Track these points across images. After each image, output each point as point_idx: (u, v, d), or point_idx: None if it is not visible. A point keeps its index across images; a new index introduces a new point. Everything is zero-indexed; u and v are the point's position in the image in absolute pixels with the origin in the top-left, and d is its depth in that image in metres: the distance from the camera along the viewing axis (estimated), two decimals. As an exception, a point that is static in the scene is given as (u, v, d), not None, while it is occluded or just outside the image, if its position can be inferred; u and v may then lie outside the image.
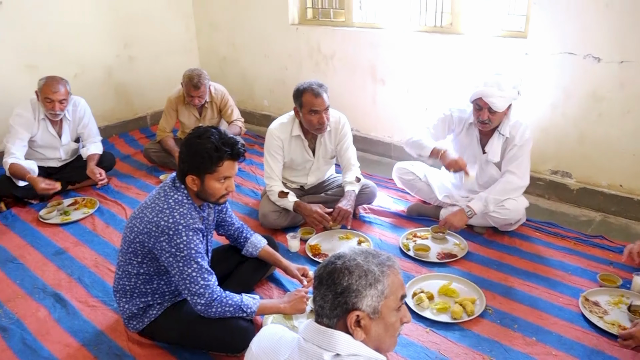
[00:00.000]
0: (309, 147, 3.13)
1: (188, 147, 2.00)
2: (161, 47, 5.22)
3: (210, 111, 4.12)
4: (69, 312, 2.46)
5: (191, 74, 3.84)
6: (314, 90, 2.88)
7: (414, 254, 2.80)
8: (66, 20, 4.46)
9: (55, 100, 3.42)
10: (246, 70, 5.17)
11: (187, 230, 1.96)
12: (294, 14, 4.56)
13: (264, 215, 3.06)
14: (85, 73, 4.66)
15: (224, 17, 5.13)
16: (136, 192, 3.77)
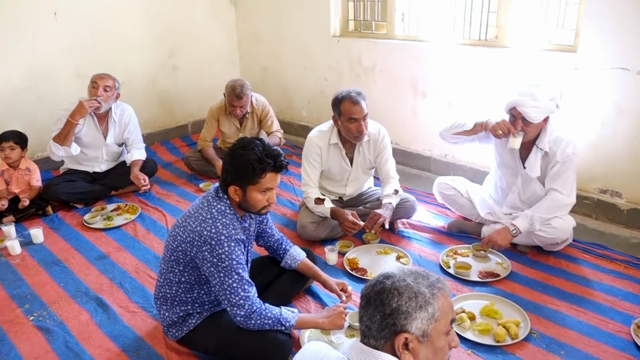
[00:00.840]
0: (347, 155, 3.11)
1: (232, 157, 2.01)
2: (204, 57, 5.32)
3: (251, 122, 4.15)
4: (109, 317, 2.50)
5: (234, 84, 3.89)
6: (352, 98, 2.87)
7: (454, 271, 2.73)
8: (114, 31, 4.60)
9: (100, 86, 3.54)
10: (286, 81, 5.20)
11: (229, 241, 1.97)
12: (336, 26, 4.57)
13: (302, 226, 3.05)
14: (131, 82, 4.78)
15: (265, 28, 5.19)
16: (176, 199, 3.82)
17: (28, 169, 3.63)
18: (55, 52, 4.28)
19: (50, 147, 3.57)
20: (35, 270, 2.94)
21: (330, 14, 4.50)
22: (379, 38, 4.29)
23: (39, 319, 2.50)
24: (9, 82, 4.11)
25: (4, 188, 3.57)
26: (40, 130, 4.24)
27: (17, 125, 3.81)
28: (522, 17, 3.50)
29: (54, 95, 4.34)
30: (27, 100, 4.23)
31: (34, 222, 3.49)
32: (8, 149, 3.50)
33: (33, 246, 3.20)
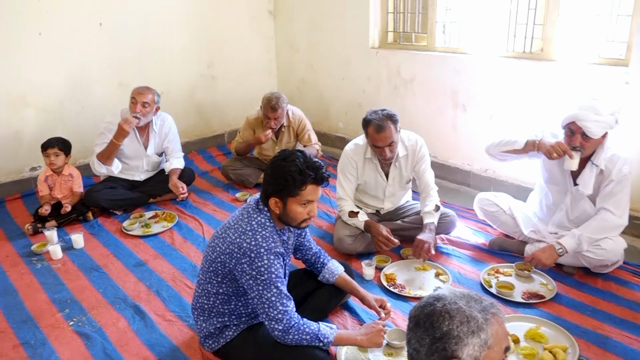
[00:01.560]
0: (383, 170, 3.07)
1: (273, 169, 2.00)
2: (242, 67, 5.38)
3: (287, 135, 4.16)
4: (147, 325, 2.51)
5: (270, 96, 3.91)
6: (376, 125, 2.80)
7: (496, 291, 2.64)
8: (156, 42, 4.70)
9: (139, 101, 3.60)
10: (323, 92, 5.20)
11: (269, 254, 1.95)
12: (375, 37, 4.55)
13: (339, 239, 3.01)
14: (171, 92, 4.87)
15: (304, 40, 5.21)
16: (213, 208, 3.85)
17: (71, 175, 3.72)
18: (99, 62, 4.40)
19: (94, 163, 3.66)
20: (76, 275, 3.00)
21: (369, 26, 4.48)
22: (418, 50, 4.24)
23: (78, 324, 2.54)
24: (55, 90, 4.24)
25: (47, 193, 3.67)
26: (83, 137, 4.36)
27: (62, 132, 3.91)
28: (570, 30, 3.40)
29: (97, 104, 4.46)
30: (72, 109, 4.36)
31: (75, 228, 3.57)
32: (53, 155, 3.60)
33: (74, 251, 3.26)
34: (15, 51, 3.96)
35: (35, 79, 4.11)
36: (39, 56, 4.08)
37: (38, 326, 2.53)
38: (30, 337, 2.45)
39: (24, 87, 4.07)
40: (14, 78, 4.01)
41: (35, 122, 4.20)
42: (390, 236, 2.85)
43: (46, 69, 4.14)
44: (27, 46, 4.00)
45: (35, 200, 4.05)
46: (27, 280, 2.94)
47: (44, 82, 4.16)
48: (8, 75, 3.98)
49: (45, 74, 4.15)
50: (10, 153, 4.15)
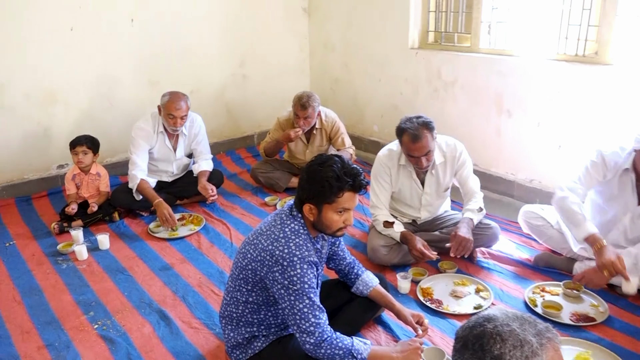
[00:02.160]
0: (418, 178, 3.03)
1: (309, 173, 2.00)
2: (274, 66, 5.42)
3: (320, 138, 4.16)
4: (172, 332, 2.54)
5: (301, 94, 3.92)
6: (411, 135, 2.76)
7: (542, 311, 2.57)
8: (188, 39, 4.78)
9: (178, 117, 3.64)
10: (358, 94, 5.19)
11: (302, 263, 1.95)
12: (415, 37, 4.52)
13: (373, 249, 2.99)
14: (201, 90, 4.94)
15: (339, 38, 5.22)
16: (241, 212, 3.88)
17: (98, 174, 3.81)
18: (129, 59, 4.50)
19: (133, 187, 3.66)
20: (101, 277, 3.06)
21: (409, 25, 4.45)
22: (461, 51, 4.19)
23: (102, 327, 2.58)
24: (84, 87, 4.35)
25: (74, 192, 3.76)
26: (112, 136, 4.46)
27: (90, 130, 4.01)
28: (628, 32, 3.30)
29: (126, 102, 4.56)
30: (100, 106, 4.47)
31: (101, 228, 3.65)
32: (81, 153, 3.69)
33: (99, 252, 3.33)
34: (46, 46, 4.08)
35: (65, 76, 4.23)
36: (70, 52, 4.19)
37: (63, 328, 2.59)
38: (54, 339, 2.51)
39: (53, 83, 4.19)
40: (45, 74, 4.13)
41: (64, 119, 4.32)
42: (426, 250, 2.81)
43: (76, 65, 4.25)
44: (59, 41, 4.12)
45: (61, 198, 4.17)
46: (52, 281, 3.02)
47: (73, 78, 4.27)
48: (38, 70, 4.10)
49: (75, 71, 4.26)
50: (38, 150, 4.27)
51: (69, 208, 3.62)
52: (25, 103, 4.12)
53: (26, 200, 4.17)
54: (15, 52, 3.96)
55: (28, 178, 4.29)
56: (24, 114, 4.13)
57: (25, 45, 3.99)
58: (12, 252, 3.36)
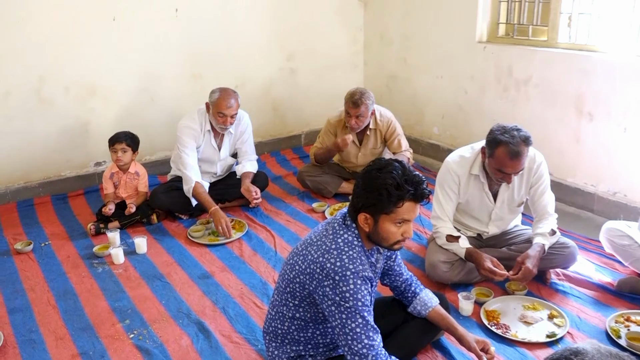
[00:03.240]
0: (490, 190, 2.96)
1: (365, 180, 1.98)
2: (324, 60, 5.44)
3: (373, 139, 4.13)
4: (211, 346, 2.57)
5: (354, 90, 3.91)
6: (511, 151, 2.66)
7: (626, 343, 2.46)
8: (233, 31, 4.86)
9: (228, 116, 3.71)
10: (417, 92, 5.14)
11: (356, 278, 1.93)
12: (483, 30, 4.43)
13: (432, 265, 2.95)
14: (246, 85, 5.01)
15: (397, 30, 5.18)
16: (286, 218, 3.90)
17: (137, 172, 3.92)
18: (172, 51, 4.62)
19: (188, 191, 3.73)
20: (137, 283, 3.14)
21: (477, 16, 4.38)
22: (536, 46, 4.08)
23: (139, 337, 2.65)
24: (125, 81, 4.50)
25: (112, 191, 3.89)
26: (151, 132, 4.58)
27: (129, 126, 4.12)
28: None
29: (168, 96, 4.68)
30: (141, 101, 4.60)
31: (138, 231, 3.75)
32: (120, 151, 3.80)
33: (136, 256, 3.43)
34: (87, 37, 4.24)
35: (105, 68, 4.38)
36: (111, 43, 4.34)
37: (97, 336, 2.67)
38: (89, 348, 2.59)
39: (94, 76, 4.35)
40: (85, 66, 4.29)
41: (103, 114, 4.47)
42: (496, 268, 2.74)
43: (117, 58, 4.40)
44: (100, 32, 4.27)
45: (98, 197, 4.32)
46: (88, 285, 3.12)
47: (114, 71, 4.42)
48: (79, 63, 4.26)
49: (116, 63, 4.41)
50: (76, 146, 4.44)
51: (106, 208, 3.74)
52: (65, 97, 4.29)
53: (62, 198, 4.34)
54: (56, 44, 4.14)
55: (65, 175, 4.46)
56: (62, 108, 4.30)
57: (67, 36, 4.16)
58: (47, 253, 3.50)
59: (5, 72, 4.02)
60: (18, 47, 4.01)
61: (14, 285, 3.14)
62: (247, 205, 3.98)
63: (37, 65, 4.11)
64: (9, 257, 3.45)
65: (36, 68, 4.12)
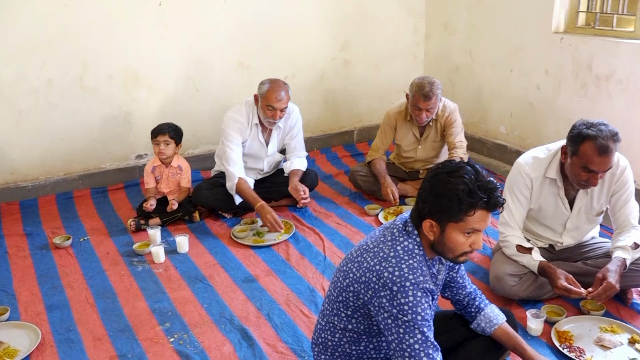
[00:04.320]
0: (566, 196, 2.87)
1: (433, 183, 1.95)
2: (381, 50, 5.41)
3: (434, 132, 4.08)
4: (255, 354, 2.60)
5: (422, 81, 3.85)
6: (598, 145, 2.56)
7: None
8: (284, 17, 4.90)
9: (278, 109, 3.73)
10: (483, 86, 5.05)
11: (416, 290, 1.90)
12: (560, 19, 4.31)
13: (498, 278, 2.88)
14: (296, 76, 5.04)
15: (462, 18, 5.10)
16: (336, 221, 3.90)
17: (180, 167, 3.99)
18: (219, 39, 4.70)
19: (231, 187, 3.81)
20: (178, 284, 3.20)
21: (554, 4, 4.26)
22: (621, 37, 3.95)
23: (179, 342, 2.70)
24: (170, 69, 4.61)
25: (153, 186, 3.97)
26: (196, 125, 4.66)
27: (173, 117, 4.22)
28: None
29: (213, 86, 4.76)
30: (186, 91, 4.69)
31: (180, 228, 3.82)
32: (163, 144, 3.88)
33: (177, 255, 3.50)
34: (132, 23, 4.36)
35: (150, 56, 4.49)
36: (157, 30, 4.45)
37: (136, 338, 2.74)
38: (127, 350, 2.65)
39: (138, 64, 4.47)
40: (129, 54, 4.41)
41: (146, 103, 4.59)
42: (573, 287, 2.65)
43: (162, 45, 4.50)
44: (145, 18, 4.38)
45: (138, 192, 4.43)
46: (127, 284, 3.20)
47: (159, 59, 4.53)
48: (123, 50, 4.39)
49: (161, 51, 4.51)
50: (118, 137, 4.57)
51: (147, 204, 3.83)
52: (108, 85, 4.42)
53: (102, 191, 4.48)
54: (100, 29, 4.27)
55: (105, 168, 4.60)
56: (105, 97, 4.44)
57: (111, 22, 4.28)
58: (86, 249, 3.61)
59: (49, 59, 4.17)
60: (62, 33, 4.16)
61: (52, 281, 3.25)
62: (295, 205, 4.00)
63: (80, 52, 4.26)
64: (47, 251, 3.58)
65: (80, 55, 4.26)
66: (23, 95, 4.17)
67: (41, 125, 4.29)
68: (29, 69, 4.14)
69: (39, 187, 4.39)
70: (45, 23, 4.08)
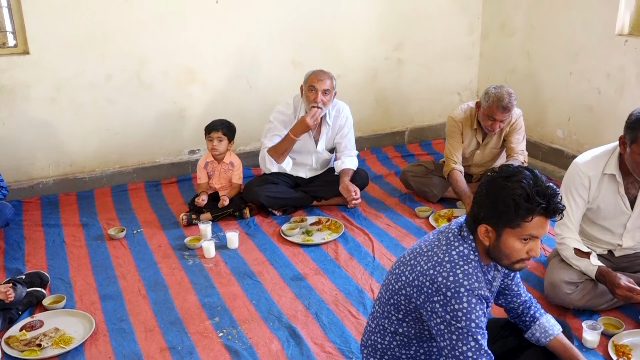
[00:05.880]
0: (626, 194, 2.77)
1: (489, 187, 1.91)
2: (435, 51, 5.35)
3: (497, 138, 3.98)
4: (302, 353, 2.60)
5: (500, 92, 3.68)
6: None
7: None
8: (338, 15, 4.89)
9: (319, 90, 3.75)
10: (541, 89, 4.93)
11: (470, 296, 1.87)
12: (625, 20, 4.16)
13: (553, 285, 2.81)
14: (348, 75, 5.03)
15: (522, 19, 4.99)
16: (386, 222, 3.87)
17: (232, 163, 4.04)
18: (273, 36, 4.72)
19: (264, 159, 3.92)
20: (228, 279, 3.24)
21: (619, 4, 4.11)
22: (690, 40, 3.79)
23: (227, 337, 2.73)
24: (224, 66, 4.66)
25: (205, 182, 4.04)
26: (247, 121, 4.70)
27: (225, 114, 4.26)
28: None
29: (266, 84, 4.80)
30: (239, 88, 4.74)
31: (230, 224, 3.87)
32: (216, 140, 3.94)
33: (227, 251, 3.54)
34: (189, 20, 4.43)
35: (205, 53, 4.56)
36: (213, 27, 4.51)
37: (186, 331, 2.79)
38: (177, 343, 2.70)
39: (193, 60, 4.54)
40: (185, 50, 4.49)
41: (200, 99, 4.66)
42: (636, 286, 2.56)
43: (217, 41, 4.56)
44: (202, 15, 4.45)
45: (190, 186, 4.51)
46: (178, 277, 3.26)
47: (213, 56, 4.59)
48: (179, 46, 4.46)
49: (216, 47, 4.57)
50: (171, 132, 4.66)
51: (199, 199, 3.89)
52: (163, 81, 4.51)
53: (155, 185, 4.57)
54: (157, 26, 4.35)
55: (159, 162, 4.69)
56: (160, 93, 4.53)
57: (168, 19, 4.37)
58: (139, 241, 3.69)
59: (108, 54, 4.28)
60: (120, 29, 4.26)
61: (106, 271, 3.34)
62: (345, 205, 3.99)
63: (138, 49, 4.36)
64: (102, 242, 3.68)
65: (137, 51, 4.36)
66: (82, 90, 4.29)
67: (99, 119, 4.41)
68: (89, 65, 4.25)
69: (95, 179, 4.52)
70: (105, 19, 4.19)
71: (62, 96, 4.26)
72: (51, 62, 4.15)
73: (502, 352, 2.27)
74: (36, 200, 4.28)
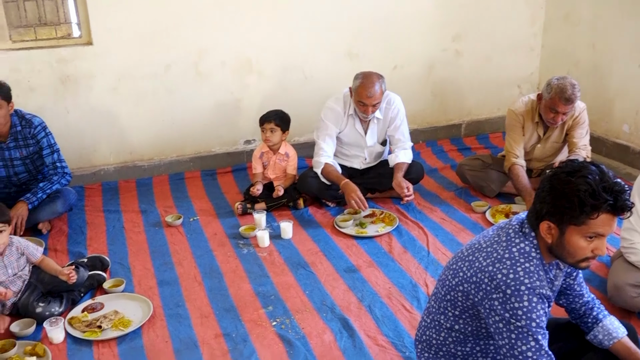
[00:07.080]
0: None
1: (553, 183, 1.84)
2: (495, 42, 5.22)
3: (559, 132, 3.84)
4: (355, 345, 2.60)
5: (563, 83, 3.54)
6: None
7: None
8: (395, 7, 4.82)
9: (369, 105, 3.72)
10: (607, 82, 4.74)
11: (531, 295, 1.82)
12: (700, 10, 3.96)
13: (618, 287, 2.71)
14: (405, 66, 4.97)
15: (587, 9, 4.81)
16: (441, 216, 3.82)
17: (287, 154, 4.06)
18: (329, 27, 4.70)
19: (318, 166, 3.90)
20: (281, 269, 3.26)
21: (694, -6, 3.92)
22: None
23: (281, 326, 2.76)
24: (280, 56, 4.67)
25: (260, 172, 4.08)
26: (302, 112, 4.69)
27: (281, 104, 4.27)
28: None
29: (321, 74, 4.79)
30: (295, 78, 4.75)
31: (284, 214, 3.89)
32: (269, 131, 3.97)
33: (281, 241, 3.56)
34: (247, 11, 4.45)
35: (262, 43, 4.58)
36: (270, 17, 4.53)
37: (240, 319, 2.83)
38: (232, 329, 2.75)
39: (251, 50, 4.57)
40: (243, 40, 4.52)
41: (256, 90, 4.69)
42: None
43: (274, 31, 4.58)
44: (259, 5, 4.47)
45: (245, 176, 4.55)
46: (233, 265, 3.31)
47: (270, 46, 4.61)
48: (237, 37, 4.50)
49: (273, 38, 4.59)
50: (228, 121, 4.71)
51: (254, 189, 3.92)
52: (221, 71, 4.55)
53: (211, 174, 4.64)
54: (215, 17, 4.40)
55: (215, 151, 4.76)
56: (218, 83, 4.58)
57: (226, 10, 4.40)
58: (195, 229, 3.76)
59: (167, 45, 4.36)
60: (180, 21, 4.32)
61: (163, 257, 3.41)
62: (399, 197, 3.94)
63: (196, 39, 4.41)
64: (160, 228, 3.77)
65: (196, 42, 4.42)
66: (143, 80, 4.39)
67: (158, 108, 4.50)
68: (149, 55, 4.34)
69: (153, 167, 4.62)
70: (165, 10, 4.26)
71: (123, 86, 4.36)
72: (113, 52, 4.25)
73: (562, 354, 2.21)
74: (98, 187, 4.41)
